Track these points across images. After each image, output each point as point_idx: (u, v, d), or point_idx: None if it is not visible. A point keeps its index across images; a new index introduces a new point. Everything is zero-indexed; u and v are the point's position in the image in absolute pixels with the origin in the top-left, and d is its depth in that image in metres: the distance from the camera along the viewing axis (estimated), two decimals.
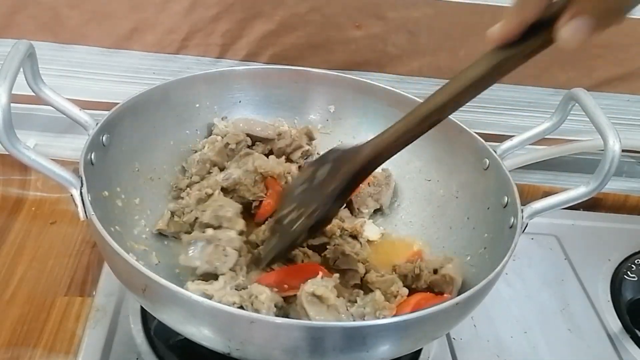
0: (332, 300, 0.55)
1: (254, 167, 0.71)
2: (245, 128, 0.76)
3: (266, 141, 0.77)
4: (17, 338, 0.67)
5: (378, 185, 0.77)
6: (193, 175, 0.72)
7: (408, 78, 0.86)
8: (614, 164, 0.57)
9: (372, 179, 0.77)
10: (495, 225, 0.66)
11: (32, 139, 0.86)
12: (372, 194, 0.77)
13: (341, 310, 0.56)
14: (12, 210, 0.84)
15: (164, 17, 0.79)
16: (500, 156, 0.68)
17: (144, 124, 0.70)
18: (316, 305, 0.55)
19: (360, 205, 0.76)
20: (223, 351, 0.52)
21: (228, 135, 0.74)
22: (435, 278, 0.64)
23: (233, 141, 0.74)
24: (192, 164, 0.73)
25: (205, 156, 0.73)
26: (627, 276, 0.83)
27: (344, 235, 0.69)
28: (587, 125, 0.60)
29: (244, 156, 0.74)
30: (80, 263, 0.77)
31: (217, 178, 0.71)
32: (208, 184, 0.70)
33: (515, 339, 0.73)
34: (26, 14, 0.78)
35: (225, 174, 0.71)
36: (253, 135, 0.77)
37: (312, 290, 0.55)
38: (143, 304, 0.59)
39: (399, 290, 0.62)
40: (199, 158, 0.73)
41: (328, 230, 0.68)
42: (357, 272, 0.66)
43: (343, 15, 0.81)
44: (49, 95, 0.62)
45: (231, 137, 0.74)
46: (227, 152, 0.74)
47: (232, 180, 0.70)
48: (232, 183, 0.70)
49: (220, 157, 0.74)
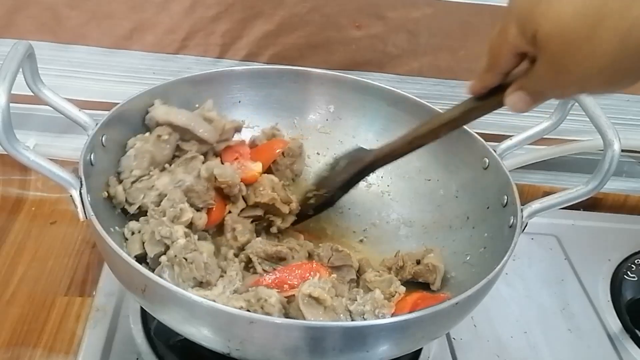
0: (329, 301, 0.55)
1: (207, 174, 0.67)
2: (187, 124, 0.69)
3: (203, 143, 0.71)
4: (17, 338, 0.67)
5: (293, 156, 0.78)
6: (133, 170, 0.65)
7: (408, 78, 0.86)
8: (613, 164, 0.57)
9: (287, 149, 0.78)
10: (495, 224, 0.66)
11: (32, 139, 0.86)
12: (288, 165, 0.78)
13: (339, 311, 0.56)
14: (12, 210, 0.84)
15: (164, 17, 0.79)
16: (499, 155, 0.68)
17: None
18: (313, 307, 0.55)
19: (281, 178, 0.76)
20: (223, 351, 0.52)
21: (157, 128, 0.68)
22: (418, 268, 0.67)
23: (164, 132, 0.68)
24: (128, 161, 0.66)
25: (141, 149, 0.66)
26: (627, 276, 0.83)
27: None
28: (587, 125, 0.60)
29: (190, 160, 0.69)
30: (80, 263, 0.77)
31: (164, 180, 0.66)
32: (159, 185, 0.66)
33: (515, 339, 0.73)
34: (26, 14, 0.78)
35: (178, 181, 0.66)
36: (193, 132, 0.70)
37: (309, 292, 0.55)
38: (143, 304, 0.59)
39: (397, 289, 0.62)
40: (136, 152, 0.66)
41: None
42: (351, 267, 0.67)
43: (343, 15, 0.81)
44: (49, 95, 0.62)
45: (161, 129, 0.68)
46: (161, 144, 0.68)
47: (185, 187, 0.66)
48: (185, 190, 0.66)
49: (156, 149, 0.67)
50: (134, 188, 0.66)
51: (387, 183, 0.80)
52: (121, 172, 0.66)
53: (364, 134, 0.81)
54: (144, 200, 0.65)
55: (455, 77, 0.86)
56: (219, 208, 0.69)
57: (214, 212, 0.68)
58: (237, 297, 0.56)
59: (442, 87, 0.86)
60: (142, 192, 0.65)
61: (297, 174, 0.79)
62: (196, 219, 0.64)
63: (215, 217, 0.68)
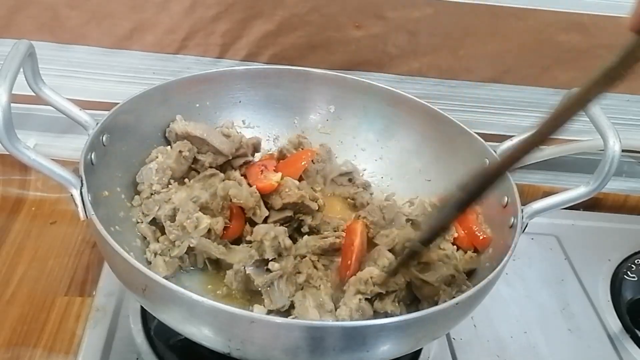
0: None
1: (224, 193, 0.67)
2: (203, 134, 0.72)
3: (219, 154, 0.73)
4: (17, 338, 0.67)
5: (322, 162, 0.78)
6: (154, 184, 0.68)
7: (408, 78, 0.86)
8: (614, 164, 0.57)
9: (315, 155, 0.78)
10: (495, 225, 0.66)
11: (32, 139, 0.86)
12: (318, 171, 0.78)
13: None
14: (12, 210, 0.84)
15: (164, 17, 0.79)
16: (500, 156, 0.68)
17: (144, 124, 0.70)
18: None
19: (312, 185, 0.77)
20: (223, 351, 0.52)
21: (177, 143, 0.71)
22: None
23: (185, 148, 0.70)
24: (150, 174, 0.68)
25: (163, 164, 0.69)
26: (627, 276, 0.83)
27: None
28: (587, 125, 0.60)
29: (209, 177, 0.70)
30: (80, 263, 0.77)
31: (181, 195, 0.67)
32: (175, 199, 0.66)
33: (515, 339, 0.73)
34: (26, 14, 0.78)
35: (193, 196, 0.67)
36: (210, 143, 0.72)
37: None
38: (143, 303, 0.59)
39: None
40: (158, 167, 0.69)
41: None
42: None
43: (343, 15, 0.81)
44: (49, 95, 0.62)
45: (182, 145, 0.71)
46: (181, 160, 0.70)
47: (199, 203, 0.66)
48: (199, 206, 0.66)
49: (177, 164, 0.70)
50: (151, 199, 0.67)
51: (387, 183, 0.80)
52: (140, 182, 0.68)
53: (364, 134, 0.81)
54: (159, 212, 0.66)
55: (455, 77, 0.86)
56: (238, 220, 0.69)
57: (233, 226, 0.68)
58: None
59: (442, 87, 0.86)
60: (158, 204, 0.66)
61: (328, 178, 0.79)
62: (213, 224, 0.65)
63: (234, 230, 0.68)
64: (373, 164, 0.81)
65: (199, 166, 0.73)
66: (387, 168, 0.81)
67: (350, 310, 0.58)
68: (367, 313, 0.59)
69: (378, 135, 0.81)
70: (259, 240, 0.62)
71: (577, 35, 0.82)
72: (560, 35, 0.82)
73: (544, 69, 0.86)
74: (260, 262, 0.63)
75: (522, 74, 0.86)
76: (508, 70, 0.85)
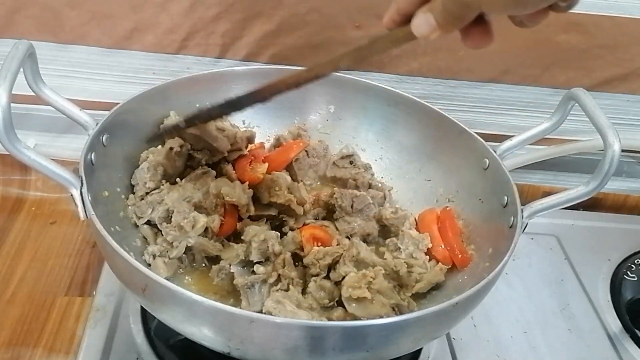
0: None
1: (216, 191, 0.67)
2: (198, 131, 0.70)
3: (215, 151, 0.72)
4: (17, 338, 0.67)
5: (317, 157, 0.78)
6: (147, 182, 0.67)
7: (408, 78, 0.86)
8: (613, 164, 0.57)
9: (311, 150, 0.78)
10: (495, 225, 0.66)
11: (32, 139, 0.86)
12: (311, 165, 0.78)
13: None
14: (12, 210, 0.84)
15: (164, 17, 0.79)
16: (500, 156, 0.68)
17: (144, 124, 0.70)
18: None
19: (302, 178, 0.77)
20: (223, 351, 0.52)
21: (169, 141, 0.70)
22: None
23: (176, 145, 0.69)
24: (142, 173, 0.68)
25: (153, 162, 0.68)
26: (627, 276, 0.83)
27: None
28: (587, 125, 0.60)
29: (201, 175, 0.70)
30: (80, 263, 0.77)
31: (173, 195, 0.66)
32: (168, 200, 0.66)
33: (515, 339, 0.73)
34: (26, 14, 0.78)
35: (186, 196, 0.66)
36: (204, 140, 0.71)
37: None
38: (143, 303, 0.59)
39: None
40: (149, 165, 0.68)
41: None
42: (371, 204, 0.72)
43: (343, 15, 0.81)
44: (49, 95, 0.62)
45: (174, 142, 0.70)
46: (174, 157, 0.70)
47: (193, 203, 0.66)
48: (193, 205, 0.66)
49: (170, 161, 0.69)
50: (143, 201, 0.67)
51: (387, 183, 0.80)
52: (136, 185, 0.68)
53: (364, 134, 0.81)
54: (152, 215, 0.66)
55: (455, 77, 0.86)
56: (231, 216, 0.69)
57: (226, 223, 0.68)
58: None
59: (442, 87, 0.86)
60: (151, 205, 0.66)
61: (321, 175, 0.79)
62: (210, 223, 0.65)
63: (227, 227, 0.68)
64: (373, 164, 0.81)
65: (195, 164, 0.72)
66: (387, 168, 0.81)
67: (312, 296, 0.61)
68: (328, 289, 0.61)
69: (378, 135, 0.81)
70: (247, 241, 0.62)
71: (577, 35, 0.82)
72: (560, 35, 0.82)
73: (543, 69, 0.86)
74: (247, 263, 0.63)
75: (522, 74, 0.86)
76: (508, 70, 0.86)
